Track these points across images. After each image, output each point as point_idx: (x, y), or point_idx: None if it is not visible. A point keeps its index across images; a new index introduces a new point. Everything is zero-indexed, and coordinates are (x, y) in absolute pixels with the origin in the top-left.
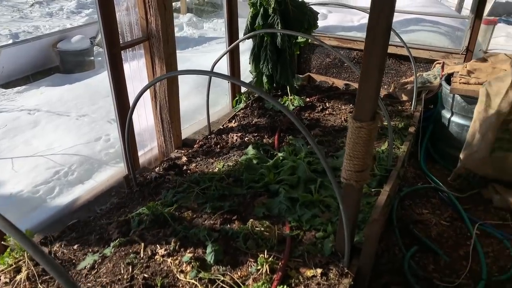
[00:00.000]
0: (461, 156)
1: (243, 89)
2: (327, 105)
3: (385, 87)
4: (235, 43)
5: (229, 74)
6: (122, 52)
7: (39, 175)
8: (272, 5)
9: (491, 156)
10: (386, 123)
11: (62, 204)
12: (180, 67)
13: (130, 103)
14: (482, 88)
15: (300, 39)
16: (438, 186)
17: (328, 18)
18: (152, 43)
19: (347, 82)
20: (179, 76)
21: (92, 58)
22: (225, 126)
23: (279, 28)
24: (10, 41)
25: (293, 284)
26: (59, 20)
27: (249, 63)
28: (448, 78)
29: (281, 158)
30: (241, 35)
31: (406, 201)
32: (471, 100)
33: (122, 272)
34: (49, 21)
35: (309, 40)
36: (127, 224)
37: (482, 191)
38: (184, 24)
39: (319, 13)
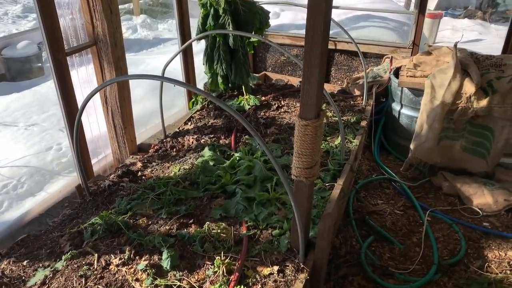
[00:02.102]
0: (411, 146)
1: None
2: (283, 103)
3: (339, 82)
4: (186, 44)
5: (183, 76)
6: (68, 58)
7: None
8: (222, 6)
9: (438, 145)
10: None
11: (11, 219)
12: (134, 70)
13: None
14: (427, 81)
15: (253, 39)
16: (391, 176)
17: (281, 17)
18: (100, 48)
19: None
20: (132, 80)
21: (40, 64)
22: (181, 129)
23: (230, 28)
24: None
25: (250, 284)
26: (4, 25)
27: (203, 64)
28: (397, 72)
29: (237, 158)
30: (193, 35)
31: (362, 193)
32: (418, 92)
33: (74, 285)
34: None
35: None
36: (80, 235)
37: (432, 179)
38: (138, 26)
39: (270, 12)
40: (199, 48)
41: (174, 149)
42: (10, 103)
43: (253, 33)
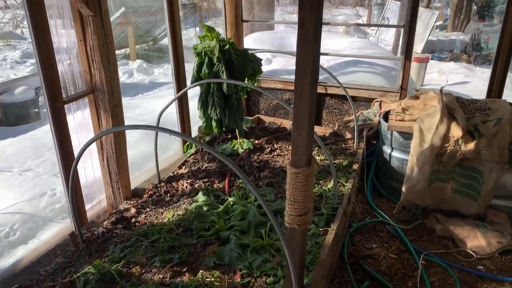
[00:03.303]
0: (403, 189)
1: (194, 134)
2: (276, 146)
3: (330, 125)
4: (181, 92)
5: (178, 120)
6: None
7: None
8: (216, 55)
9: (430, 187)
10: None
11: (3, 267)
12: (130, 114)
13: (75, 156)
14: (415, 125)
15: (247, 83)
16: (385, 219)
17: (273, 63)
18: (97, 96)
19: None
20: (127, 122)
21: (37, 109)
22: (175, 173)
23: (224, 76)
24: None
25: None
26: (3, 70)
27: (198, 109)
28: (386, 116)
29: (231, 203)
30: (188, 81)
31: (356, 236)
32: (407, 135)
33: None
34: None
35: (255, 84)
36: (72, 285)
37: (425, 221)
38: (134, 71)
39: (262, 59)
40: (193, 92)
41: (168, 194)
42: (5, 148)
43: (246, 79)
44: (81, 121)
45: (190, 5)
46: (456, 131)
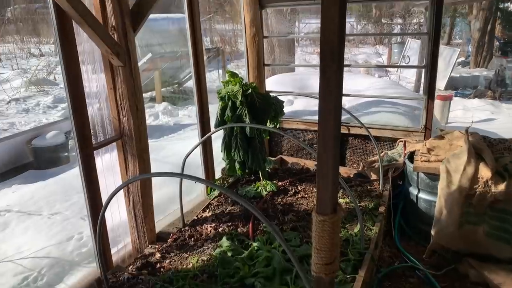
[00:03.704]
0: (432, 232)
1: (217, 176)
2: (299, 188)
3: (354, 165)
4: (205, 136)
5: (202, 162)
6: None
7: (6, 283)
8: (239, 99)
9: (460, 231)
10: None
11: None
12: (156, 156)
13: (102, 200)
14: (442, 166)
15: (269, 125)
16: (414, 264)
17: (295, 104)
18: (125, 141)
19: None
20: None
21: (67, 153)
22: (199, 216)
23: (247, 119)
24: None
25: None
26: (36, 115)
27: (221, 151)
28: (411, 156)
29: (256, 248)
30: (212, 123)
31: (385, 282)
32: (434, 177)
33: None
34: (25, 117)
35: (278, 125)
36: None
37: (457, 266)
38: (159, 113)
39: (284, 101)
40: (217, 134)
41: (192, 239)
42: (35, 191)
43: (268, 121)
44: (108, 164)
45: (214, 49)
46: (485, 172)
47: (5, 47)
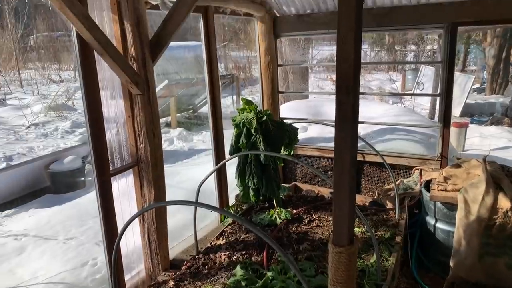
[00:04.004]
0: (451, 264)
1: (231, 202)
2: (314, 217)
3: (370, 193)
4: (220, 164)
5: (216, 189)
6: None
7: None
8: (254, 126)
9: (480, 262)
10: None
11: None
12: (170, 181)
13: (118, 226)
14: (459, 195)
15: (283, 152)
16: None
17: (309, 131)
18: (141, 168)
19: (333, 191)
20: (167, 190)
21: (83, 178)
22: (213, 244)
23: (261, 146)
24: (4, 164)
25: None
26: (54, 140)
27: (235, 178)
28: (427, 185)
29: (270, 278)
30: (226, 148)
31: None
32: (451, 206)
33: None
34: (44, 142)
35: (292, 152)
36: None
37: None
38: (174, 138)
39: (298, 128)
40: (231, 160)
41: (206, 267)
42: (52, 215)
43: (282, 148)
44: (124, 188)
45: (228, 76)
46: (504, 203)
47: (27, 73)
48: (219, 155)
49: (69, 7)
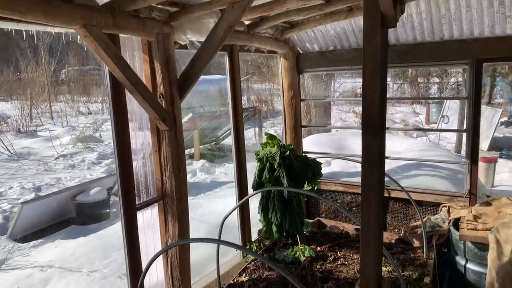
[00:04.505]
0: None
1: (253, 237)
2: (339, 255)
3: (396, 230)
4: (243, 200)
5: (238, 223)
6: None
7: None
8: (277, 161)
9: None
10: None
11: None
12: (193, 214)
13: (142, 260)
14: (491, 235)
15: (307, 187)
16: None
17: (332, 165)
18: (166, 202)
19: (358, 227)
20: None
21: (108, 210)
22: (235, 280)
23: (285, 181)
24: (33, 195)
25: None
26: (81, 171)
27: (258, 213)
28: (456, 223)
29: None
30: (249, 182)
31: None
32: (482, 246)
33: None
34: (71, 173)
35: (316, 187)
36: None
37: None
38: (197, 170)
39: (322, 163)
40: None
41: None
42: (77, 247)
43: (306, 183)
44: (149, 220)
45: (251, 109)
46: None
47: (57, 105)
48: (242, 188)
49: (104, 49)
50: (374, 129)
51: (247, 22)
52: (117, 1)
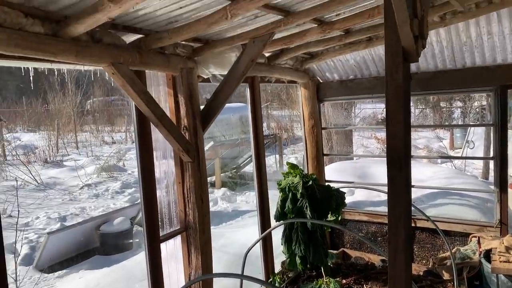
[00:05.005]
0: None
1: (277, 268)
2: (365, 287)
3: (424, 261)
4: (266, 232)
5: (261, 255)
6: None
7: None
8: (300, 191)
9: None
10: None
11: None
12: (215, 244)
13: None
14: None
15: (331, 217)
16: None
17: (356, 194)
18: (189, 234)
19: (384, 258)
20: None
21: (131, 240)
22: None
23: (308, 211)
24: (58, 225)
25: None
26: (104, 200)
27: (281, 244)
28: (487, 255)
29: None
30: (271, 210)
31: None
32: None
33: None
34: (95, 202)
35: (339, 217)
36: None
37: None
38: (218, 199)
39: (345, 192)
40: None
41: None
42: (101, 278)
43: (330, 213)
44: (172, 250)
45: (271, 136)
46: None
47: (82, 135)
48: (264, 218)
49: (130, 85)
50: (399, 163)
51: (267, 54)
52: (144, 40)
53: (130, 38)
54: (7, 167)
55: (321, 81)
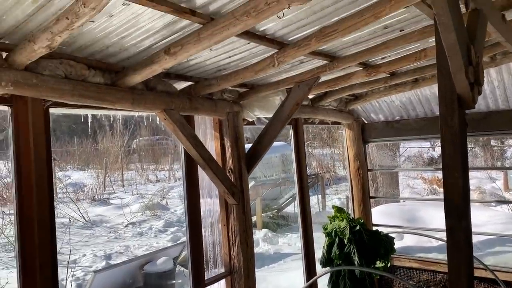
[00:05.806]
0: None
1: None
2: None
3: None
4: (312, 279)
5: None
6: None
7: None
8: (347, 236)
9: None
10: None
11: None
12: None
13: None
14: None
15: (379, 264)
16: None
17: (405, 239)
18: (234, 278)
19: None
20: None
21: (174, 281)
22: None
23: (356, 257)
24: (104, 263)
25: None
26: (148, 239)
27: None
28: None
29: None
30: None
31: None
32: None
33: None
34: (139, 240)
35: (389, 264)
36: None
37: None
38: (260, 240)
39: (394, 237)
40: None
41: None
42: None
43: (378, 259)
44: None
45: (313, 175)
46: None
47: (128, 174)
48: (309, 262)
49: (180, 130)
50: (457, 212)
51: (311, 96)
52: (194, 87)
53: (181, 85)
54: (58, 204)
55: (366, 122)
